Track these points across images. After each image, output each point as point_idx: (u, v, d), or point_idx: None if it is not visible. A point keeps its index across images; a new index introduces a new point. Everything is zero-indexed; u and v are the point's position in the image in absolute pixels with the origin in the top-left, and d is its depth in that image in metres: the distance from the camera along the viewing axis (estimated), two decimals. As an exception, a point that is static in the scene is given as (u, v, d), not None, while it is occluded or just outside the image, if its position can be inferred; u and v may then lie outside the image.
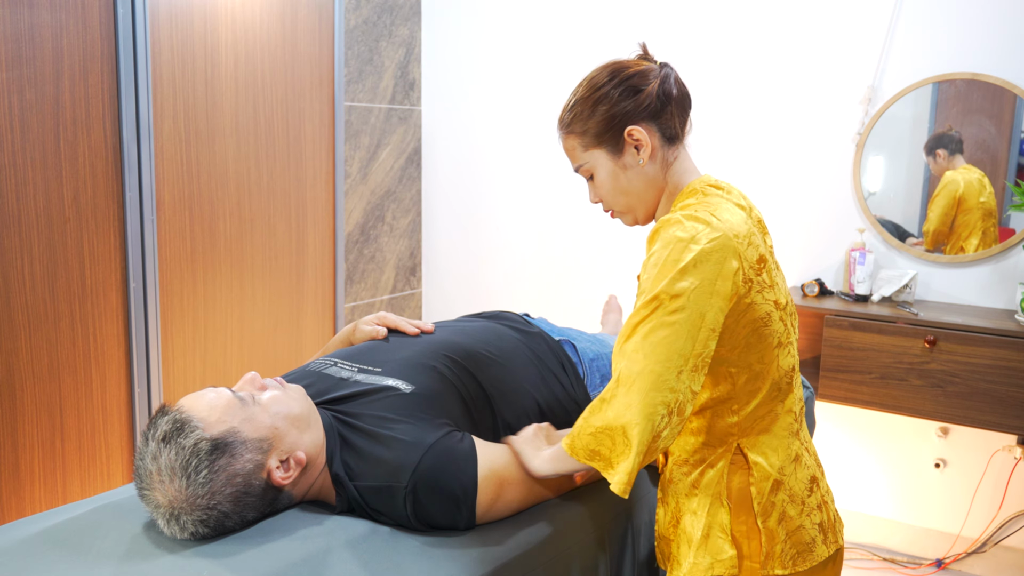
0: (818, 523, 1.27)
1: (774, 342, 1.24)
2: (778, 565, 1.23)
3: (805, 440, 1.32)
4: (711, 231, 1.16)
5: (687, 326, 1.14)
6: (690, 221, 1.18)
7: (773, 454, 1.25)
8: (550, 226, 3.47)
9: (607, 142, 1.27)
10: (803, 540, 1.25)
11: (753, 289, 1.20)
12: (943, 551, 2.85)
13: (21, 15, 1.93)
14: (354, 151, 3.35)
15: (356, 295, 3.46)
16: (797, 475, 1.26)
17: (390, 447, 1.28)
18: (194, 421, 1.20)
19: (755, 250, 1.21)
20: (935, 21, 2.71)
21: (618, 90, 1.25)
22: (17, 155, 1.96)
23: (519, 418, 1.53)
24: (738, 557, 1.23)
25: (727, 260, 1.15)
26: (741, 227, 1.20)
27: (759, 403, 1.24)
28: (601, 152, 1.28)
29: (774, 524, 1.23)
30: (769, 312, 1.22)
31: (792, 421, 1.28)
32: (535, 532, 1.31)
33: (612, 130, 1.26)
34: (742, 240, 1.18)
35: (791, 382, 1.29)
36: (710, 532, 1.24)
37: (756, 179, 3.04)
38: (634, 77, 1.26)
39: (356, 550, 1.21)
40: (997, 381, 2.41)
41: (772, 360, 1.24)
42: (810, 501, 1.27)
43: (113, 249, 2.18)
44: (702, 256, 1.14)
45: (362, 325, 1.64)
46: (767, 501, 1.23)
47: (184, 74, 2.31)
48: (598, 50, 3.25)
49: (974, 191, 2.70)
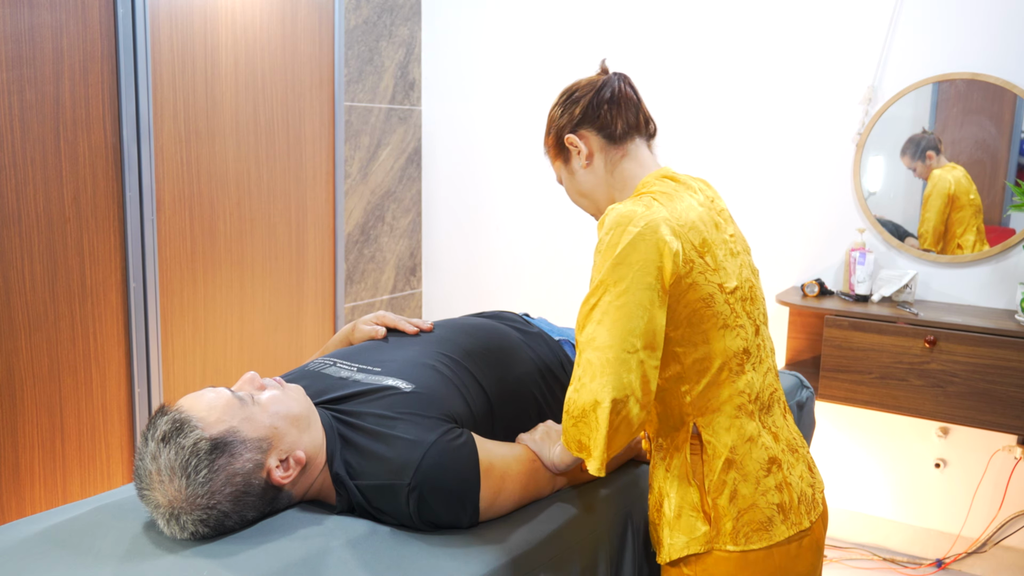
0: (776, 503, 1.30)
1: (719, 323, 1.28)
2: (729, 541, 1.27)
3: (772, 426, 1.36)
4: (649, 213, 1.23)
5: (634, 306, 1.20)
6: (628, 207, 1.26)
7: (725, 433, 1.30)
8: (550, 226, 3.48)
9: (559, 153, 1.45)
10: (757, 519, 1.28)
11: (695, 270, 1.26)
12: (943, 551, 2.85)
13: (21, 15, 1.93)
14: (354, 151, 3.35)
15: (356, 295, 3.46)
16: (752, 455, 1.30)
17: (392, 445, 1.28)
18: (193, 421, 1.20)
19: (697, 234, 1.28)
20: (935, 21, 2.71)
21: (561, 108, 1.43)
22: (17, 155, 1.96)
23: (518, 417, 1.53)
24: (713, 534, 1.28)
25: (663, 240, 1.22)
26: (685, 212, 1.28)
27: (708, 383, 1.29)
28: (559, 163, 1.46)
29: (725, 502, 1.28)
30: (712, 294, 1.27)
31: (746, 402, 1.32)
32: (535, 532, 1.31)
33: (559, 142, 1.44)
34: (684, 223, 1.26)
35: (742, 364, 1.32)
36: (681, 512, 1.30)
37: (756, 179, 3.04)
38: (575, 93, 1.43)
39: (356, 550, 1.21)
40: (997, 381, 2.41)
41: (718, 340, 1.29)
42: (766, 482, 1.30)
43: (113, 249, 2.18)
44: (638, 238, 1.21)
45: (361, 325, 1.65)
46: (718, 479, 1.28)
47: (184, 74, 2.31)
48: (598, 50, 3.25)
49: (964, 188, 2.71)
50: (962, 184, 2.71)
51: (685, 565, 1.30)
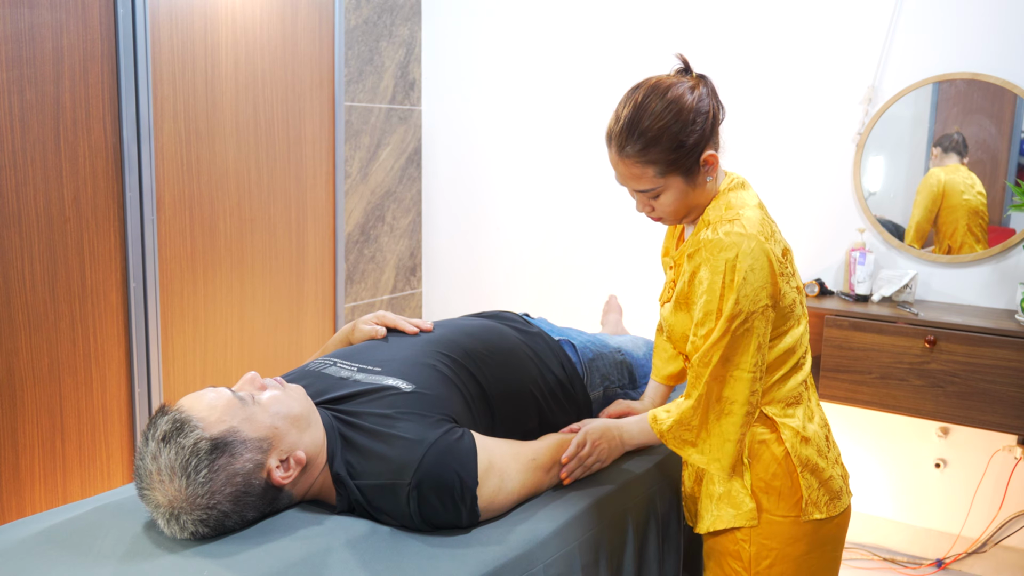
0: (841, 475, 1.44)
1: (797, 323, 1.40)
2: (815, 511, 1.38)
3: (815, 406, 1.47)
4: (747, 241, 1.30)
5: (755, 335, 1.31)
6: (729, 238, 1.31)
7: (796, 416, 1.40)
8: (550, 226, 3.47)
9: (682, 168, 1.35)
10: (833, 488, 1.41)
11: (784, 280, 1.36)
12: (943, 551, 2.85)
13: (21, 15, 1.93)
14: (354, 151, 3.35)
15: (356, 295, 3.46)
16: (818, 432, 1.42)
17: (392, 445, 1.28)
18: (194, 421, 1.20)
19: (779, 244, 1.37)
20: (935, 21, 2.71)
21: (688, 120, 1.32)
22: (17, 155, 1.96)
23: (518, 417, 1.53)
24: (757, 510, 1.39)
25: (766, 265, 1.31)
26: (764, 226, 1.34)
27: (784, 373, 1.40)
28: (676, 178, 1.35)
29: (809, 475, 1.38)
30: (794, 299, 1.39)
31: (804, 389, 1.44)
32: (535, 532, 1.31)
33: (688, 157, 1.34)
34: (768, 239, 1.33)
35: (806, 354, 1.45)
36: (731, 488, 1.40)
37: (756, 179, 3.03)
38: (696, 102, 1.34)
39: (356, 550, 1.21)
40: (997, 381, 2.41)
41: (799, 337, 1.41)
42: (830, 455, 1.43)
43: (113, 249, 2.18)
44: (749, 273, 1.30)
45: (361, 324, 1.65)
46: (801, 455, 1.38)
47: (184, 74, 2.31)
48: (598, 50, 3.25)
49: (956, 188, 2.71)
50: (955, 184, 2.71)
51: (740, 533, 1.40)
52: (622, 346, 1.87)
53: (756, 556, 1.39)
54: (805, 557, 1.39)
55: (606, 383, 1.75)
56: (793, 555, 1.39)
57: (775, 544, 1.38)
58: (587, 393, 1.69)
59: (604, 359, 1.76)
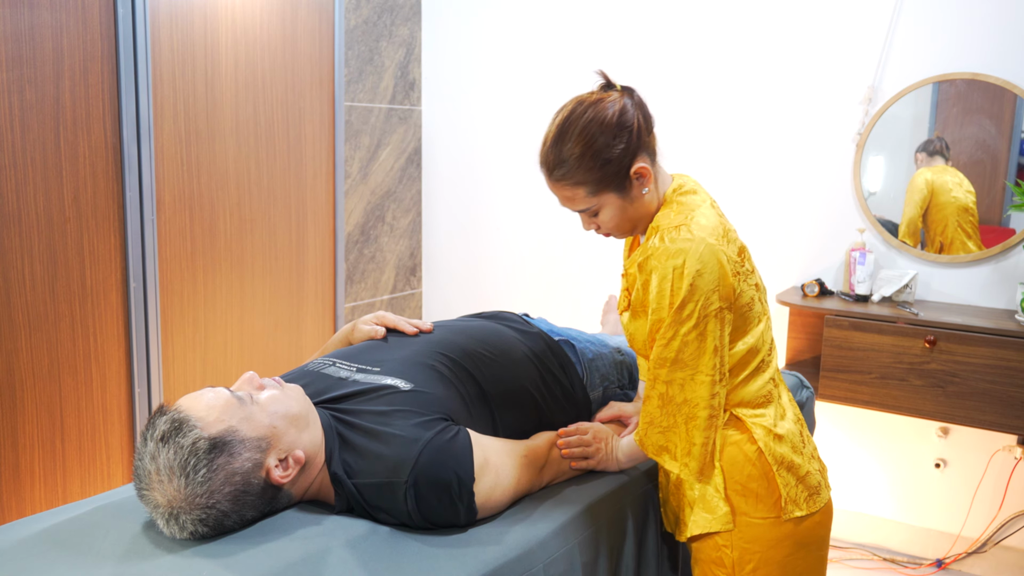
0: (818, 469, 1.44)
1: (757, 321, 1.40)
2: (795, 508, 1.38)
3: (786, 402, 1.47)
4: (694, 246, 1.29)
5: (710, 338, 1.30)
6: (675, 244, 1.30)
7: (768, 415, 1.40)
8: (550, 226, 3.47)
9: (613, 184, 1.33)
10: (811, 484, 1.41)
11: (740, 279, 1.35)
12: (943, 551, 2.85)
13: (21, 15, 1.93)
14: (354, 151, 3.35)
15: (356, 295, 3.46)
16: (792, 429, 1.42)
17: (389, 444, 1.28)
18: (192, 420, 1.20)
19: (734, 244, 1.35)
20: (935, 21, 2.71)
21: (610, 135, 1.31)
22: (17, 155, 1.96)
23: (517, 417, 1.53)
24: (732, 513, 1.38)
25: (716, 268, 1.29)
26: (718, 227, 1.33)
27: (748, 373, 1.39)
28: (609, 194, 1.34)
29: (786, 472, 1.38)
30: (753, 296, 1.38)
31: (773, 387, 1.43)
32: (535, 531, 1.31)
33: (617, 173, 1.32)
34: (721, 239, 1.32)
35: (771, 351, 1.44)
36: (704, 492, 1.39)
37: (756, 179, 3.04)
38: (616, 116, 1.32)
39: (355, 550, 1.21)
40: (997, 381, 2.41)
41: (760, 335, 1.40)
42: (806, 451, 1.43)
43: (113, 249, 2.18)
44: (697, 277, 1.28)
45: (361, 324, 1.65)
46: (776, 453, 1.38)
47: (184, 74, 2.31)
48: (598, 50, 3.25)
49: (944, 187, 2.73)
50: (943, 183, 2.73)
51: (721, 539, 1.39)
52: (621, 346, 1.87)
53: (739, 561, 1.38)
54: (790, 559, 1.39)
55: (606, 383, 1.75)
56: (777, 558, 1.38)
57: (757, 547, 1.38)
58: (587, 393, 1.69)
59: (604, 359, 1.76)
